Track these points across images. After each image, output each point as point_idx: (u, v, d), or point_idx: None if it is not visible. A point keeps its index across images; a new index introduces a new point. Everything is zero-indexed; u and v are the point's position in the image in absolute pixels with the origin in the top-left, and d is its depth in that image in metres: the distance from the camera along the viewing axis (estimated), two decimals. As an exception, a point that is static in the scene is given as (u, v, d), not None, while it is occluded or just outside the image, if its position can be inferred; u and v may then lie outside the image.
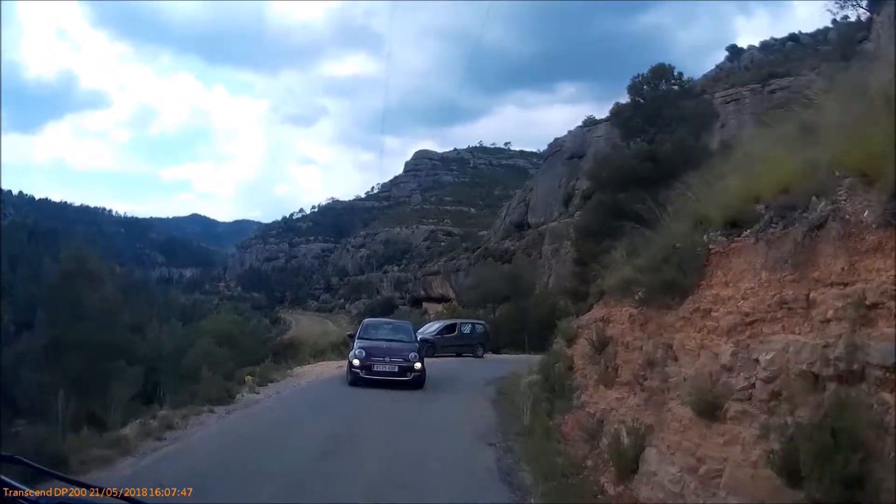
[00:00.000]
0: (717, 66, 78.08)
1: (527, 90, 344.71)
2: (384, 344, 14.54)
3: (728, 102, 46.85)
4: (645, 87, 29.57)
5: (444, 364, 20.74)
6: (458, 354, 25.40)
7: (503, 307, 36.22)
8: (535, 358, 23.72)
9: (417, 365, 14.06)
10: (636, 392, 6.03)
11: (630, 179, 25.61)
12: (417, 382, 13.94)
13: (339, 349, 28.25)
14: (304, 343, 42.36)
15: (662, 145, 26.38)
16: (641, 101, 29.46)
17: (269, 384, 14.47)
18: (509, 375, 15.15)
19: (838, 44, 36.30)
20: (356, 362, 13.97)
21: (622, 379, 6.52)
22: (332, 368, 18.59)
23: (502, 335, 32.61)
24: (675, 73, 30.09)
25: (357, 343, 14.64)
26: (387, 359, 13.94)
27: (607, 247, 11.11)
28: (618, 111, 32.28)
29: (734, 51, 79.39)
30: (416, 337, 16.11)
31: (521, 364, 15.49)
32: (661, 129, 27.85)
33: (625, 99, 31.10)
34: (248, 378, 14.11)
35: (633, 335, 6.24)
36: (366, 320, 18.09)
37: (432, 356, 23.19)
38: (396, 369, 13.82)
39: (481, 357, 26.12)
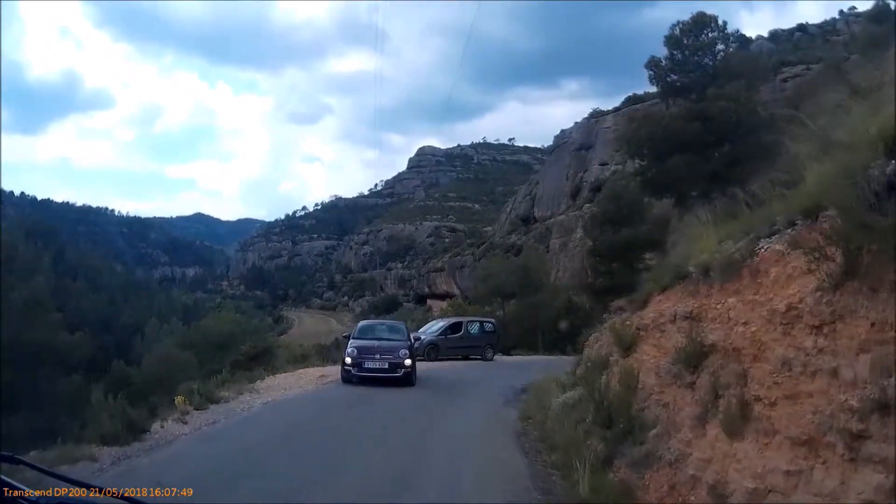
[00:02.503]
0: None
1: (530, 86, 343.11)
2: (376, 342, 14.99)
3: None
4: (685, 38, 25.93)
5: (449, 370, 18.48)
6: (465, 357, 23.04)
7: (513, 303, 33.49)
8: (553, 360, 21.56)
9: (408, 362, 14.42)
10: (831, 462, 3.21)
11: (674, 144, 22.89)
12: (408, 379, 14.29)
13: (330, 351, 26.41)
14: (287, 345, 37.45)
15: (714, 102, 23.18)
16: (680, 54, 25.95)
17: (214, 406, 10.89)
18: (531, 387, 12.69)
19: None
20: (348, 360, 14.41)
21: (767, 425, 3.78)
22: (310, 379, 15.53)
23: (512, 334, 30.03)
24: (720, 23, 26.25)
25: (350, 343, 15.06)
26: (377, 356, 14.36)
27: (662, 221, 9.41)
28: (654, 64, 27.39)
29: (742, 41, 77.74)
30: (409, 336, 16.38)
31: (539, 368, 13.72)
32: (706, 85, 24.77)
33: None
34: (179, 400, 10.68)
35: (793, 345, 3.57)
36: (360, 322, 18.65)
37: (435, 359, 21.38)
38: (387, 366, 14.22)
39: (491, 360, 23.68)
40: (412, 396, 12.96)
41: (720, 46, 26.29)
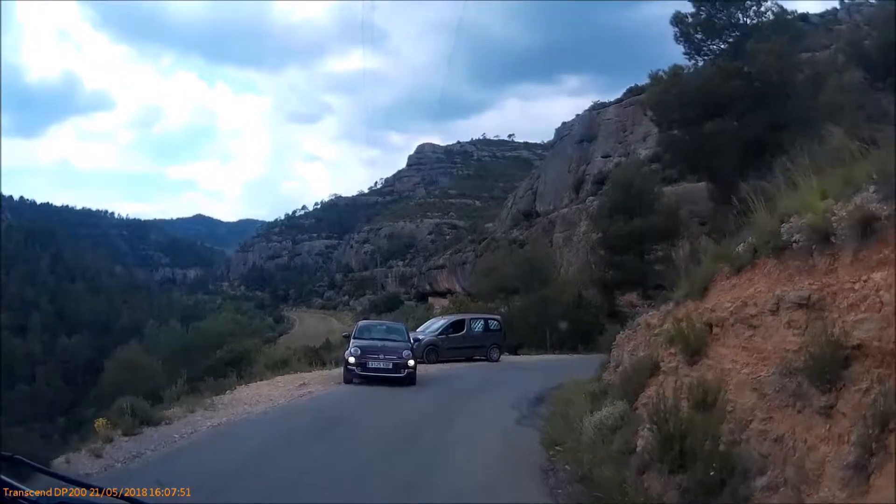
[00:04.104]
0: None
1: (530, 83, 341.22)
2: (379, 343, 14.96)
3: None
4: None
5: (451, 375, 16.97)
6: (468, 358, 21.30)
7: (519, 298, 31.40)
8: (565, 361, 20.20)
9: (411, 362, 14.48)
10: None
11: (710, 107, 20.50)
12: (410, 380, 14.33)
13: (319, 354, 24.90)
14: (266, 351, 32.57)
15: (755, 57, 20.67)
16: (710, 8, 23.02)
17: (151, 429, 8.94)
18: (549, 395, 11.04)
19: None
20: (351, 360, 14.27)
21: None
22: (286, 389, 13.48)
23: (518, 331, 28.35)
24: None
25: (352, 342, 14.96)
26: (381, 356, 14.34)
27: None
28: (680, 20, 24.21)
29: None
30: (409, 337, 16.42)
31: (554, 371, 12.35)
32: (741, 41, 22.18)
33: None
34: (100, 424, 8.74)
35: None
36: (360, 322, 18.41)
37: (435, 362, 19.81)
38: (391, 366, 14.22)
39: (497, 361, 21.81)
40: (403, 413, 10.99)
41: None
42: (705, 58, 23.28)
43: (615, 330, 11.09)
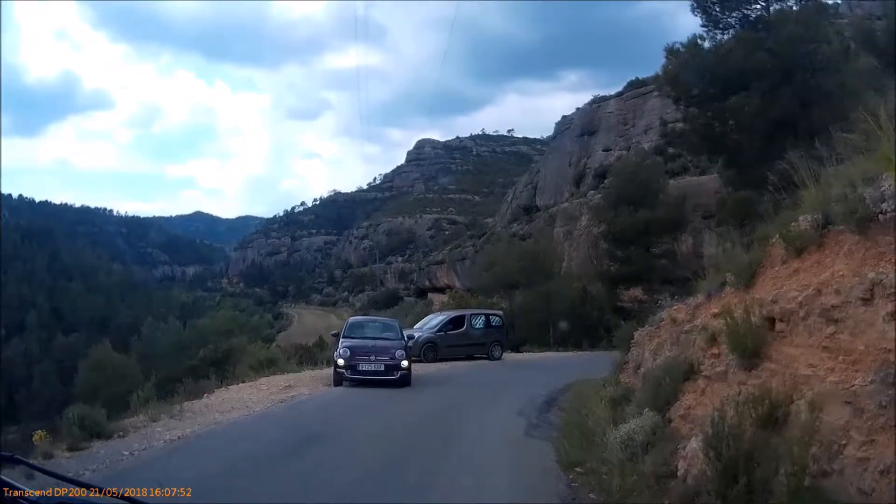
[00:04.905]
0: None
1: (529, 78, 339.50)
2: (370, 342, 14.08)
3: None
4: None
5: (450, 375, 16.06)
6: (469, 356, 20.32)
7: (521, 293, 30.21)
8: (572, 359, 19.23)
9: (404, 363, 13.66)
10: None
11: (733, 81, 19.04)
12: (404, 381, 13.50)
13: (311, 353, 24.13)
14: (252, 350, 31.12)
15: (781, 27, 19.08)
16: None
17: (101, 442, 8.01)
18: (560, 399, 10.09)
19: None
20: (340, 361, 13.50)
21: None
22: (268, 393, 12.49)
23: (520, 327, 27.53)
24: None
25: (341, 342, 14.03)
26: (372, 357, 13.53)
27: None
28: None
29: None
30: (403, 335, 15.30)
31: (561, 370, 11.53)
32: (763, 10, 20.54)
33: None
34: (39, 437, 7.57)
35: None
36: (350, 319, 17.31)
37: (433, 360, 19.01)
38: (383, 368, 13.40)
39: (499, 359, 20.89)
40: (393, 424, 9.67)
41: None
42: (723, 31, 21.69)
43: (630, 326, 10.07)
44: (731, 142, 21.14)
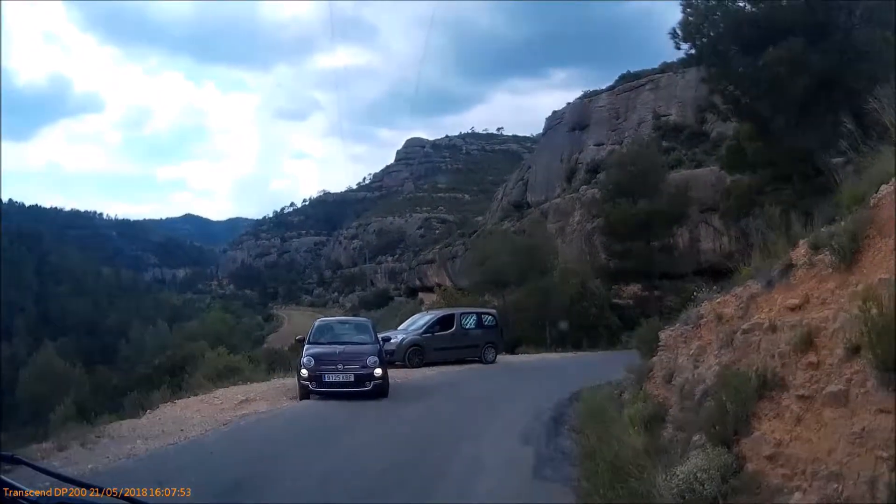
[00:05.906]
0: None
1: (518, 77, 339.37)
2: (337, 348, 12.41)
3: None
4: None
5: (438, 383, 14.34)
6: (459, 360, 18.68)
7: (514, 290, 28.50)
8: (573, 361, 18.02)
9: (378, 371, 11.98)
10: None
11: (767, 32, 16.81)
12: (380, 392, 11.93)
13: (286, 358, 21.74)
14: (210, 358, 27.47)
15: None
16: None
17: None
18: (572, 416, 8.56)
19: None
20: (304, 372, 11.82)
21: None
22: (217, 410, 10.50)
23: (515, 327, 26.01)
24: None
25: (305, 349, 12.47)
26: (340, 366, 11.87)
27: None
28: None
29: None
30: (377, 337, 13.75)
31: (564, 376, 10.24)
32: None
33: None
34: None
35: None
36: (317, 321, 15.14)
37: (419, 365, 17.32)
38: (352, 378, 11.77)
39: (493, 362, 19.23)
40: (358, 458, 7.29)
41: None
42: None
43: (653, 325, 8.33)
44: (763, 102, 18.69)
